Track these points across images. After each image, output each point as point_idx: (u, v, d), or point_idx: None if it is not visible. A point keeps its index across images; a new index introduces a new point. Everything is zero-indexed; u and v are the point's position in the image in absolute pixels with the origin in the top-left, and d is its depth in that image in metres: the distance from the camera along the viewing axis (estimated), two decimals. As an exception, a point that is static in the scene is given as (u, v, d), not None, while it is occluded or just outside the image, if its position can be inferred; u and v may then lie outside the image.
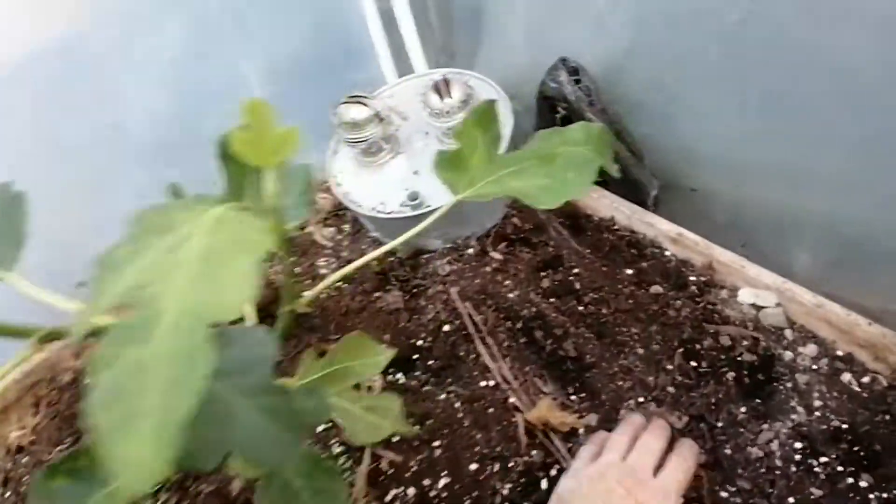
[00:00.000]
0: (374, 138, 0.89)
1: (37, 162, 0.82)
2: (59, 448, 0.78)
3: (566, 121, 0.87)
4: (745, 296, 0.77)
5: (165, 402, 0.21)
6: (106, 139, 0.87)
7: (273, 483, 0.41)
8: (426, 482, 0.66)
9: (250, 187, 0.44)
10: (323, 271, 0.97)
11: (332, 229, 1.03)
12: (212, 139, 0.45)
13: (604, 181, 0.90)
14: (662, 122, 0.86)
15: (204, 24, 0.93)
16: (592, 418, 0.69)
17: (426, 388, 0.76)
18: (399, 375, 0.78)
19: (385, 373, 0.77)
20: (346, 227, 1.03)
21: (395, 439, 0.70)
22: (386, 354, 0.50)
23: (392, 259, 0.93)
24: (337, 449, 0.71)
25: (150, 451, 0.20)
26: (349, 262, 0.95)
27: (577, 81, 0.82)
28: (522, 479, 0.65)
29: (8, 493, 0.77)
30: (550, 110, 0.87)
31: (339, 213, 1.05)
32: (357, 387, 0.54)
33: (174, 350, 0.22)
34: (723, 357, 0.72)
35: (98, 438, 0.21)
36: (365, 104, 0.87)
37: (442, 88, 0.85)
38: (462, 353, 0.78)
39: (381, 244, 0.96)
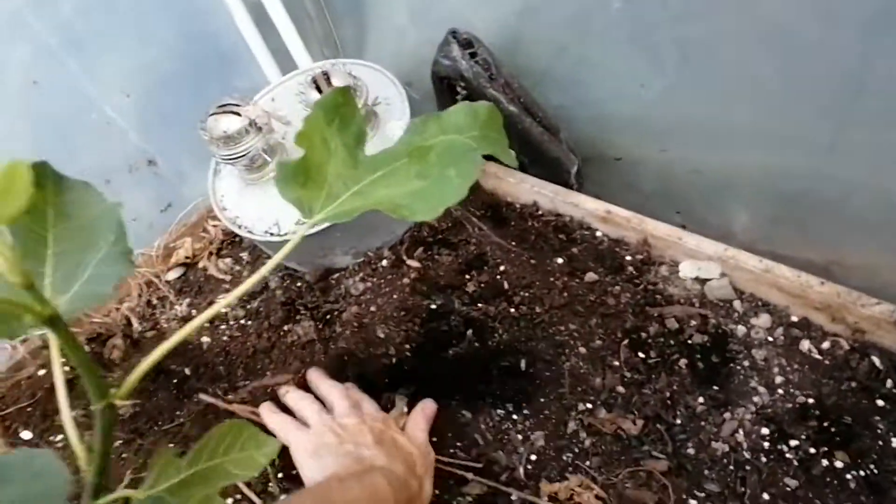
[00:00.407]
0: (255, 151, 0.77)
1: None
2: None
3: (468, 99, 0.77)
4: (687, 270, 0.69)
5: None
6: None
7: None
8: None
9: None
10: (225, 310, 0.84)
11: (228, 260, 0.90)
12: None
13: (521, 164, 0.82)
14: (574, 90, 0.78)
15: (49, 49, 0.78)
16: (539, 437, 0.60)
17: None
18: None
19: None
20: (244, 254, 0.90)
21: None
22: (270, 447, 0.39)
23: (299, 285, 0.82)
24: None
25: None
26: (252, 295, 0.84)
27: (473, 55, 0.72)
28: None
29: None
30: (450, 91, 0.77)
31: (234, 240, 0.92)
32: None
33: None
34: (671, 343, 0.65)
35: None
36: (237, 113, 0.75)
37: (321, 83, 0.74)
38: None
39: (286, 269, 0.84)
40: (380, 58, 0.87)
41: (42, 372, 0.77)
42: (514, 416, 0.63)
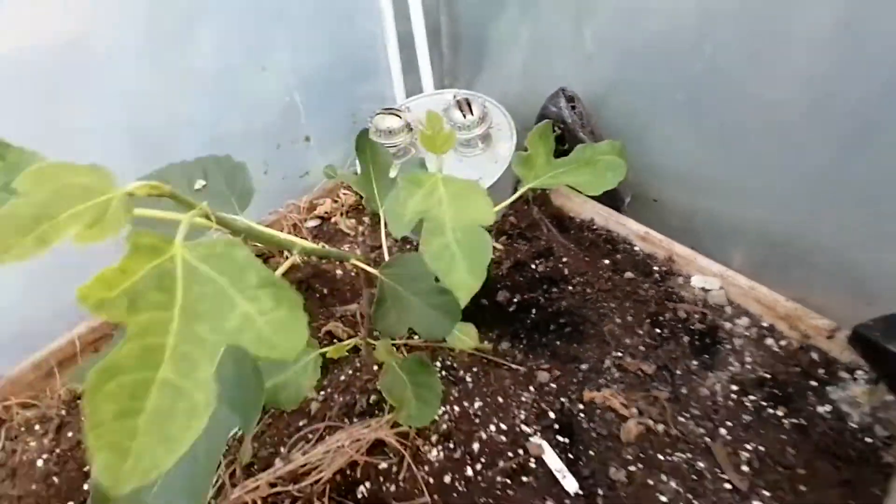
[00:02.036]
0: (403, 144, 1.07)
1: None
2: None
3: (560, 139, 1.07)
4: (697, 281, 0.99)
5: (470, 258, 0.39)
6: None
7: (389, 374, 0.58)
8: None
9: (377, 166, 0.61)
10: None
11: (352, 220, 1.19)
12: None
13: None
14: (635, 145, 1.08)
15: (242, 36, 1.07)
16: (584, 367, 0.89)
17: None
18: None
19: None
20: (366, 219, 1.19)
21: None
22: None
23: (408, 247, 1.11)
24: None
25: (467, 278, 0.38)
26: (372, 248, 1.12)
27: (573, 108, 1.03)
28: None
29: (51, 440, 0.88)
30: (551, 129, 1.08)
31: (359, 206, 1.21)
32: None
33: (461, 239, 0.41)
34: (679, 326, 0.94)
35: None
36: (399, 116, 1.05)
37: (464, 107, 1.04)
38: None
39: (405, 238, 1.13)
40: (488, 93, 1.18)
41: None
42: (569, 354, 0.91)
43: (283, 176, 1.22)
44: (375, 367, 0.86)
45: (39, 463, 0.84)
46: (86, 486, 0.81)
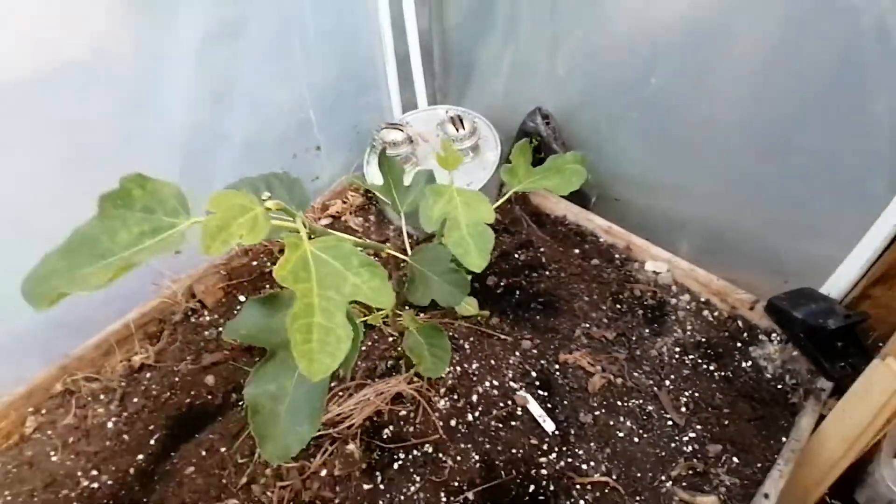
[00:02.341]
0: (405, 154, 1.26)
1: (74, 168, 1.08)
2: (184, 363, 1.07)
3: (537, 150, 1.28)
4: (649, 266, 1.21)
5: (478, 245, 0.58)
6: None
7: (411, 337, 0.78)
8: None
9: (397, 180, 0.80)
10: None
11: (360, 219, 1.38)
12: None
13: (560, 191, 1.32)
14: (599, 154, 1.30)
15: (267, 59, 1.24)
16: (558, 336, 1.10)
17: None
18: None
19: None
20: (371, 217, 1.38)
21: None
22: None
23: (409, 241, 1.30)
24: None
25: (478, 260, 0.58)
26: (378, 241, 1.31)
27: (548, 123, 1.24)
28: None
29: (117, 406, 1.04)
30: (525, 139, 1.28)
31: (365, 206, 1.40)
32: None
33: (472, 232, 0.60)
34: (635, 302, 1.15)
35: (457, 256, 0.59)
36: (401, 129, 1.24)
37: (457, 122, 1.24)
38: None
39: (398, 231, 1.32)
40: (475, 108, 1.37)
41: (254, 263, 1.23)
42: (546, 325, 1.12)
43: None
44: (391, 339, 1.06)
45: (109, 425, 1.01)
46: (152, 441, 0.99)
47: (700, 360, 1.06)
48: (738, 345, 1.08)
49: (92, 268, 0.57)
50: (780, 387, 1.02)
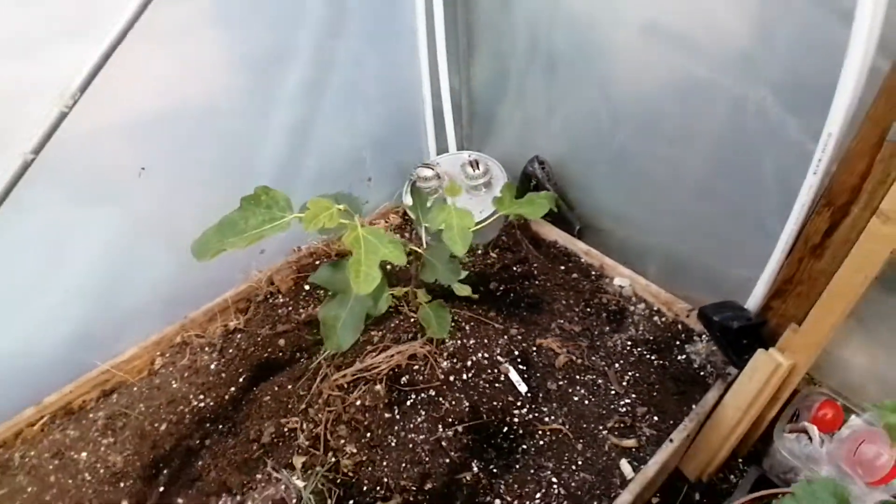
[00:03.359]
0: (434, 186, 1.67)
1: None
2: (264, 329, 1.49)
3: (536, 188, 1.66)
4: (617, 281, 1.56)
5: (463, 240, 0.97)
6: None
7: (423, 310, 1.16)
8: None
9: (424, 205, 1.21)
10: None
11: (397, 234, 1.78)
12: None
13: (552, 220, 1.70)
14: (583, 192, 1.67)
15: (336, 110, 1.68)
16: (538, 327, 1.45)
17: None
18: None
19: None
20: (406, 234, 1.79)
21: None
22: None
23: (436, 252, 1.69)
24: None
25: (461, 249, 0.96)
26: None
27: (543, 168, 1.62)
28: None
29: (217, 356, 1.46)
30: (527, 180, 1.67)
31: (402, 225, 1.81)
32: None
33: (459, 232, 0.99)
34: (602, 307, 1.50)
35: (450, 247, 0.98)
36: (432, 168, 1.65)
37: (474, 164, 1.64)
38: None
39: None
40: (492, 154, 1.77)
41: (317, 262, 1.65)
42: (531, 319, 1.47)
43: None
44: (411, 320, 1.44)
45: (212, 366, 1.43)
46: (241, 379, 1.39)
47: (645, 352, 1.40)
48: (677, 342, 1.41)
49: (234, 238, 0.99)
50: (701, 373, 1.34)
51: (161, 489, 1.19)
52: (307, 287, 1.63)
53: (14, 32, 1.04)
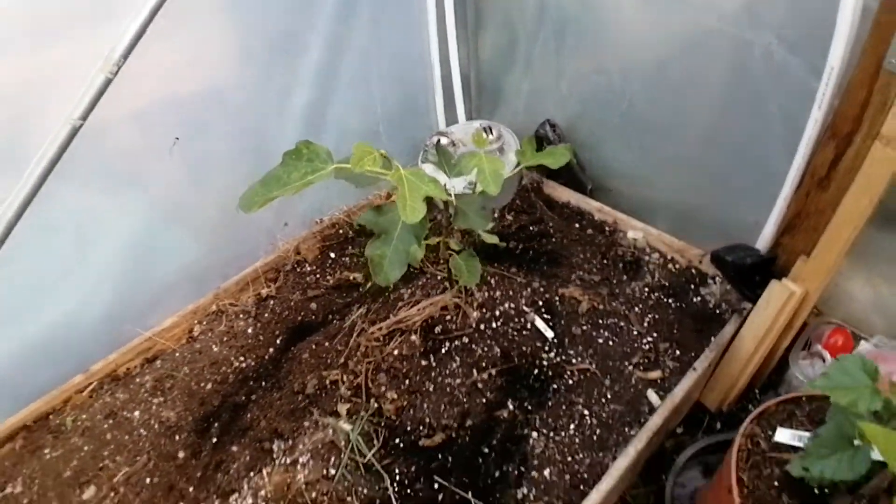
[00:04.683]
0: (451, 154, 1.73)
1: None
2: (295, 295, 1.55)
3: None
4: (630, 234, 1.63)
5: (494, 181, 1.04)
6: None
7: (454, 259, 1.23)
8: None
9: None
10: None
11: (415, 204, 1.84)
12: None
13: (564, 182, 1.77)
14: (593, 153, 1.74)
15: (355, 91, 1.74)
16: (559, 279, 1.52)
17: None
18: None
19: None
20: (424, 203, 1.85)
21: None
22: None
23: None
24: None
25: (495, 189, 1.04)
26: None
27: (554, 130, 1.69)
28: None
29: (253, 321, 1.52)
30: (539, 143, 1.74)
31: (419, 195, 1.87)
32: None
33: (491, 175, 1.06)
34: (618, 259, 1.57)
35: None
36: (447, 136, 1.72)
37: (487, 130, 1.70)
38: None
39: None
40: (502, 121, 1.84)
41: (340, 231, 1.71)
42: (551, 274, 1.54)
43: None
44: (439, 278, 1.50)
45: (249, 330, 1.49)
46: (277, 341, 1.45)
47: (662, 297, 1.47)
48: (692, 286, 1.49)
49: (279, 191, 1.05)
50: (717, 312, 1.41)
51: (214, 440, 1.25)
52: (332, 255, 1.69)
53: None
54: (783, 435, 0.91)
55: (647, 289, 1.49)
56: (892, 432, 0.65)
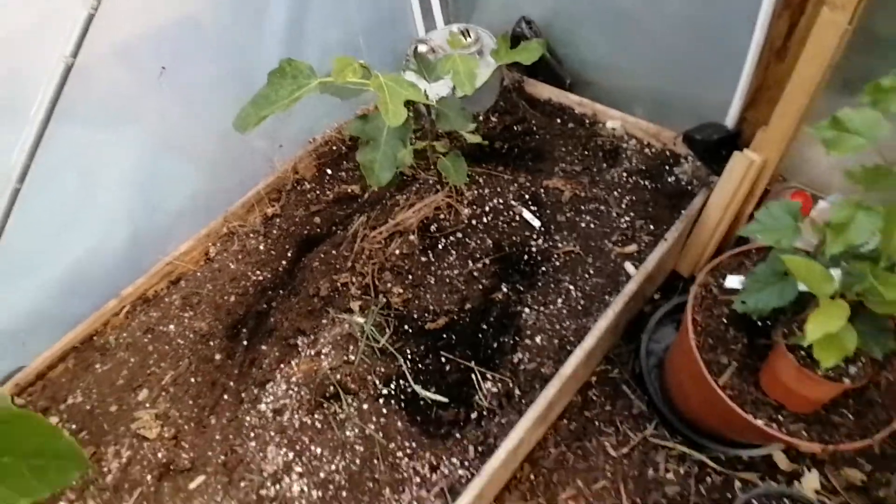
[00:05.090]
0: (430, 60, 1.77)
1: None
2: (299, 211, 1.66)
3: (524, 48, 1.76)
4: (609, 124, 1.71)
5: (468, 80, 1.12)
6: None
7: (442, 161, 1.32)
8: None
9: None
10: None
11: (402, 115, 1.91)
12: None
13: (544, 79, 1.82)
14: (571, 48, 1.77)
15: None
16: (543, 173, 1.62)
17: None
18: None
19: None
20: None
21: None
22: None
23: (440, 124, 1.83)
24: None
25: (469, 88, 1.12)
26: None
27: (531, 27, 1.72)
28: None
29: (262, 238, 1.64)
30: (517, 41, 1.77)
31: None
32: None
33: (466, 74, 1.14)
34: (598, 148, 1.66)
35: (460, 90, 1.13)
36: (426, 43, 1.75)
37: (465, 33, 1.74)
38: (483, 157, 1.70)
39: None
40: (479, 22, 1.86)
41: (334, 148, 1.80)
42: (536, 166, 1.64)
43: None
44: (430, 182, 1.60)
45: (261, 247, 1.62)
46: (289, 254, 1.58)
47: (640, 180, 1.58)
48: (666, 167, 1.59)
49: (269, 109, 1.12)
50: (689, 188, 1.52)
51: (245, 342, 1.41)
52: (329, 171, 1.78)
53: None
54: (732, 281, 1.04)
55: (625, 174, 1.59)
56: (809, 261, 0.78)
